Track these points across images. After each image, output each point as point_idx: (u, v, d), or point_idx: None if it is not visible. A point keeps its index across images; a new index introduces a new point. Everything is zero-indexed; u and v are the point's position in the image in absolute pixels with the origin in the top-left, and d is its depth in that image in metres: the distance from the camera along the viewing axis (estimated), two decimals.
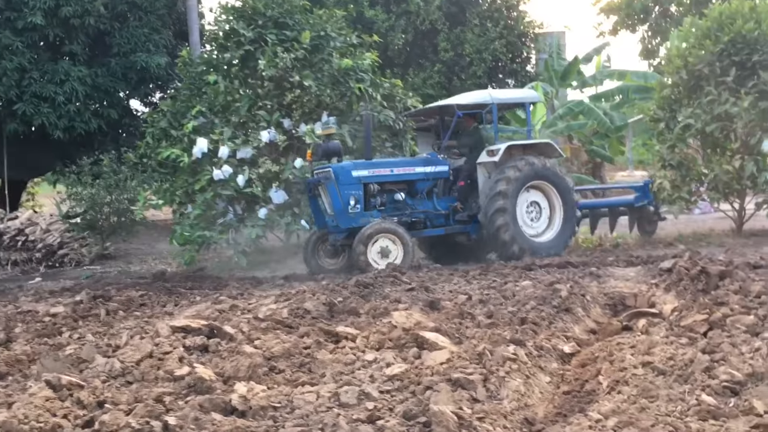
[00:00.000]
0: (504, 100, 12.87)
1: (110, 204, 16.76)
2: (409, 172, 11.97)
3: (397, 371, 4.85)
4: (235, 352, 5.49)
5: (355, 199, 11.26)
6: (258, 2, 14.50)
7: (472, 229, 12.07)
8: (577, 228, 13.06)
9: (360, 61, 14.36)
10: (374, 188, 11.62)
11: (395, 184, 11.88)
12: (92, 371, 5.32)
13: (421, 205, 12.00)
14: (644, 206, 13.55)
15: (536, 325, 6.33)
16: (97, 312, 9.00)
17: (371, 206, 11.59)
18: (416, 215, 11.87)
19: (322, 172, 11.52)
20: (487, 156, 11.93)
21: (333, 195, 11.23)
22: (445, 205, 12.17)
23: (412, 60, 24.74)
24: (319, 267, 11.65)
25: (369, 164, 11.72)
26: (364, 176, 11.53)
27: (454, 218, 12.12)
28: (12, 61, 20.55)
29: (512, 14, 24.66)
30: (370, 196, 11.58)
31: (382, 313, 7.08)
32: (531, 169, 11.80)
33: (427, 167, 12.05)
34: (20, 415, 4.32)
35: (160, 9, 22.83)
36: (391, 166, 11.98)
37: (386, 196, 11.83)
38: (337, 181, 11.20)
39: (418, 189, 12.01)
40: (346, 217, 11.26)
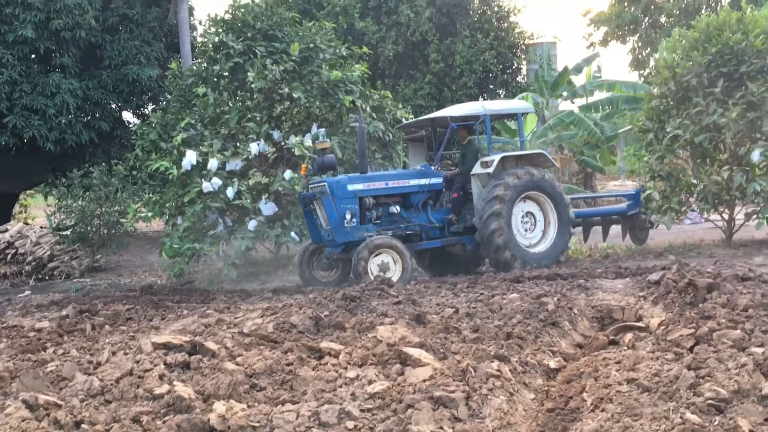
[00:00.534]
0: (497, 111, 12.91)
1: (100, 216, 16.70)
2: (403, 185, 11.94)
3: (379, 389, 4.80)
4: (216, 370, 5.44)
5: (351, 213, 11.25)
6: (247, 15, 14.51)
7: (467, 240, 12.03)
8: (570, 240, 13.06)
9: (349, 73, 14.35)
10: (370, 202, 11.57)
11: (390, 197, 11.85)
12: (71, 390, 5.27)
13: (416, 217, 11.97)
14: (636, 214, 13.52)
15: (522, 340, 6.30)
16: (82, 327, 8.95)
17: (367, 220, 11.55)
18: (411, 228, 11.81)
19: (317, 186, 11.46)
20: (481, 167, 11.92)
21: (329, 209, 11.18)
22: (440, 217, 12.15)
23: (403, 71, 24.77)
24: (313, 279, 11.62)
25: (364, 178, 11.67)
26: (360, 190, 11.49)
27: (449, 230, 12.10)
28: (2, 74, 20.50)
29: (503, 25, 24.72)
30: (365, 210, 11.55)
31: (367, 328, 7.02)
32: (530, 179, 11.86)
33: (422, 179, 12.03)
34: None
35: (151, 21, 22.84)
36: (386, 179, 11.95)
37: (381, 209, 11.78)
38: (332, 195, 11.18)
39: (412, 201, 12.00)
40: (342, 232, 11.22)
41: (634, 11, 29.44)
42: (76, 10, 20.90)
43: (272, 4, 16.88)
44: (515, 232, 11.78)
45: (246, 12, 14.66)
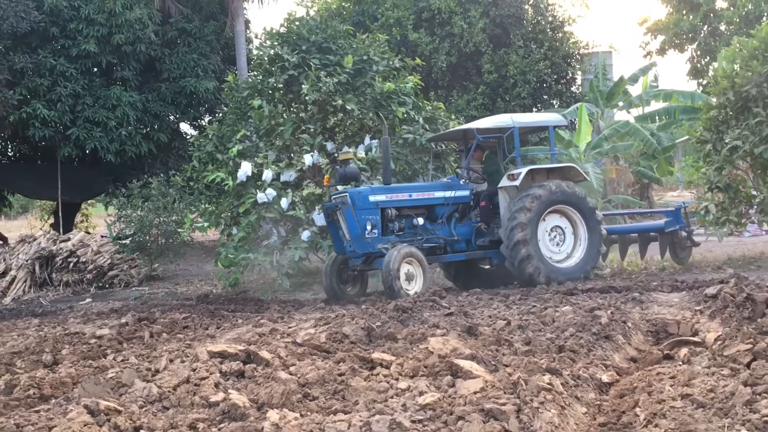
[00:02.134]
0: (526, 124, 12.66)
1: (158, 226, 17.06)
2: (428, 197, 11.81)
3: (430, 400, 4.82)
4: (270, 378, 5.53)
5: (372, 224, 11.11)
6: (302, 28, 14.71)
7: (494, 254, 11.85)
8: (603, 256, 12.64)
9: (402, 85, 14.45)
10: (392, 213, 11.43)
11: (414, 209, 11.70)
12: (131, 396, 5.40)
13: (441, 230, 11.79)
14: (675, 231, 12.97)
15: (574, 353, 6.25)
16: (141, 334, 9.17)
17: (389, 231, 11.41)
18: (434, 240, 11.65)
19: (339, 196, 11.36)
20: (507, 180, 11.75)
21: (350, 220, 11.07)
22: (465, 231, 11.96)
23: (456, 82, 24.78)
24: (338, 293, 11.48)
25: (387, 189, 11.53)
26: (382, 201, 11.35)
27: (475, 243, 11.95)
28: (66, 87, 21.18)
29: (557, 35, 24.59)
30: (387, 221, 11.41)
31: (419, 339, 7.07)
32: (558, 192, 11.57)
33: (447, 192, 11.88)
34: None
35: (209, 35, 23.33)
36: (410, 191, 11.80)
37: (404, 221, 11.62)
38: (353, 206, 11.05)
39: (437, 214, 11.84)
40: (362, 243, 11.09)
41: (693, 19, 28.93)
42: (136, 24, 21.48)
43: (326, 17, 17.15)
44: (541, 246, 11.51)
45: (301, 25, 14.87)
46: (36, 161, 24.88)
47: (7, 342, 9.68)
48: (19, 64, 20.62)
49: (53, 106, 21.12)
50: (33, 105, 20.83)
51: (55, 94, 21.15)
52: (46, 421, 5.19)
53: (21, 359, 8.37)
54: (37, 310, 13.81)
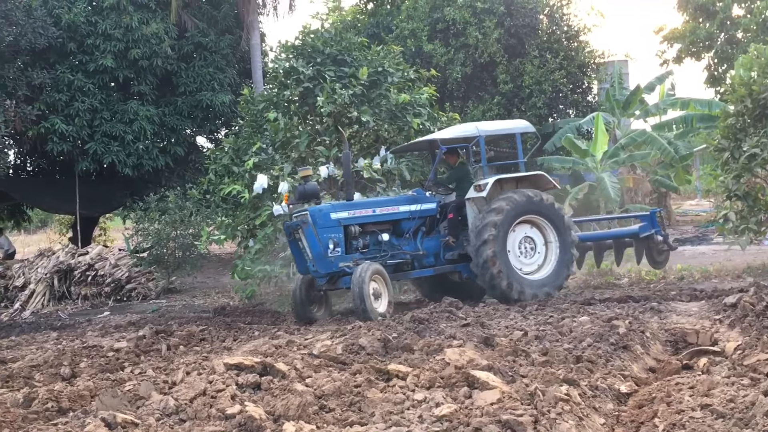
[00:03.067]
0: (492, 132, 12.09)
1: (175, 239, 17.14)
2: (392, 212, 11.25)
3: (446, 412, 4.81)
4: (286, 390, 5.52)
5: (335, 242, 10.57)
6: (317, 40, 14.78)
7: (462, 268, 11.36)
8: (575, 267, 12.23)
9: (417, 96, 14.47)
10: (355, 230, 10.90)
11: (378, 224, 11.13)
12: (148, 408, 5.42)
13: (407, 245, 11.25)
14: (651, 236, 12.56)
15: (592, 364, 6.21)
16: (158, 347, 9.20)
17: (353, 249, 10.85)
18: (400, 256, 11.13)
19: (299, 215, 10.74)
20: (475, 191, 11.22)
21: (311, 239, 10.48)
22: (433, 245, 11.46)
23: (471, 93, 24.78)
24: (308, 316, 10.83)
25: (348, 205, 10.99)
26: (344, 218, 10.81)
27: (444, 257, 11.44)
28: (84, 102, 21.39)
29: (572, 44, 24.55)
30: (351, 239, 10.87)
31: (435, 350, 7.05)
32: (526, 202, 11.12)
33: (413, 206, 11.32)
34: None
35: (224, 49, 23.49)
36: (373, 206, 11.22)
37: (368, 237, 11.06)
38: (315, 225, 10.50)
39: (403, 229, 11.29)
40: (325, 262, 10.51)
41: (710, 27, 28.78)
42: (153, 39, 21.67)
43: (341, 29, 17.23)
44: (512, 259, 11.03)
45: (316, 38, 14.94)
46: (54, 176, 25.10)
47: (26, 355, 9.73)
48: (38, 80, 20.84)
49: (71, 120, 21.32)
50: (51, 120, 21.04)
51: (73, 109, 21.35)
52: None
53: (39, 372, 8.42)
54: (56, 323, 13.90)
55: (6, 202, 25.50)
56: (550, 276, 11.20)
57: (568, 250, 11.31)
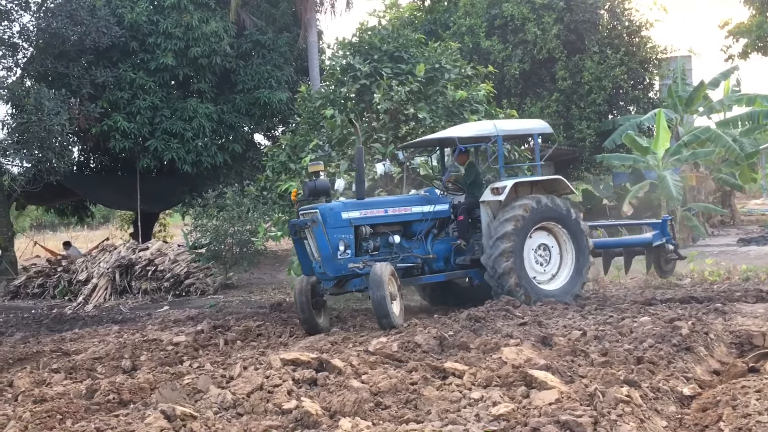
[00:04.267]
0: (510, 132, 11.42)
1: (233, 235, 17.31)
2: (405, 213, 10.53)
3: (504, 411, 4.75)
4: (342, 387, 5.53)
5: (345, 243, 9.79)
6: (374, 37, 14.77)
7: (474, 274, 10.74)
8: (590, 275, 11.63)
9: (475, 92, 14.36)
10: (366, 231, 10.14)
11: (389, 225, 10.41)
12: (206, 402, 5.48)
13: (418, 248, 10.54)
14: (662, 245, 11.96)
15: (654, 365, 6.08)
16: (216, 342, 9.32)
17: (363, 251, 10.10)
18: (411, 260, 10.40)
19: (308, 213, 9.96)
20: (491, 194, 10.55)
21: (320, 239, 9.71)
22: (443, 248, 10.76)
23: (529, 89, 24.53)
24: (313, 323, 9.94)
25: (361, 204, 10.20)
26: (355, 218, 10.01)
27: (454, 261, 10.78)
28: (145, 100, 21.81)
29: (634, 40, 24.12)
30: (361, 240, 10.13)
31: (492, 349, 6.98)
32: (543, 208, 10.50)
33: (426, 206, 10.60)
34: None
35: (282, 47, 23.68)
36: (386, 206, 10.48)
37: (379, 239, 10.33)
38: (325, 224, 9.71)
39: (415, 230, 10.58)
40: (334, 264, 9.73)
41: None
42: (212, 38, 21.96)
43: (398, 26, 17.21)
44: (527, 267, 10.42)
45: (373, 35, 14.94)
46: (116, 172, 25.63)
47: (89, 348, 9.96)
48: (101, 78, 21.31)
49: (133, 118, 21.74)
50: (114, 118, 21.49)
51: (135, 106, 21.77)
52: (124, 425, 5.31)
53: (102, 365, 8.61)
54: (117, 317, 14.19)
55: (70, 198, 26.14)
56: (566, 285, 10.67)
57: (583, 257, 10.80)
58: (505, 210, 10.39)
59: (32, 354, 9.87)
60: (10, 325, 13.81)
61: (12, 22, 21.87)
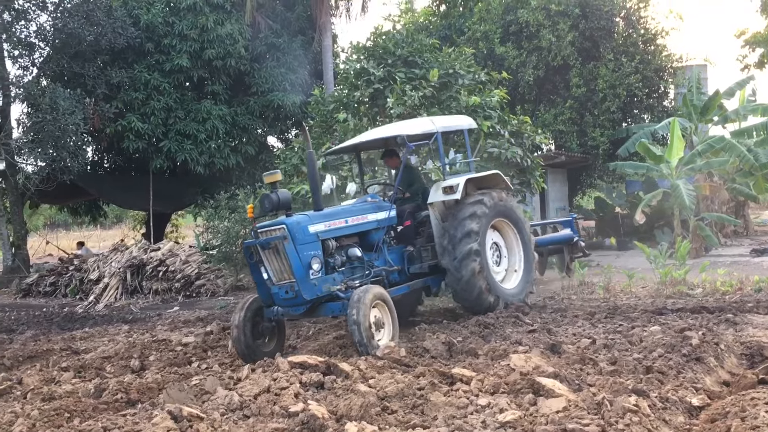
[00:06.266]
0: (447, 128, 10.59)
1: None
2: (362, 222, 9.41)
3: (511, 418, 4.73)
4: (349, 391, 5.53)
5: (318, 261, 8.53)
6: (388, 42, 14.78)
7: (433, 281, 9.92)
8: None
9: (488, 98, 14.33)
10: (332, 245, 8.90)
11: (351, 237, 9.34)
12: (213, 403, 5.49)
13: (377, 260, 9.48)
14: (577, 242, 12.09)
15: (663, 375, 6.03)
16: (225, 343, 9.34)
17: (330, 268, 8.81)
18: (377, 273, 9.26)
19: (271, 230, 8.48)
20: (442, 194, 9.77)
21: (292, 258, 8.33)
22: (398, 257, 9.76)
23: (543, 96, 24.48)
24: (254, 350, 8.45)
25: (324, 216, 8.93)
26: (322, 231, 8.75)
27: (409, 270, 9.76)
28: (159, 101, 21.91)
29: (649, 48, 24.03)
30: (327, 256, 8.82)
31: (500, 355, 6.97)
32: (495, 204, 9.87)
33: (379, 214, 9.56)
34: None
35: (296, 50, 23.77)
36: (345, 216, 9.25)
37: (344, 253, 9.14)
38: (294, 241, 8.36)
39: (372, 241, 9.52)
40: (309, 286, 8.34)
41: None
42: (227, 40, 22.07)
43: (413, 31, 17.18)
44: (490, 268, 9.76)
45: (387, 39, 14.95)
46: (130, 173, 25.77)
47: (99, 347, 10.00)
48: (116, 79, 21.44)
49: (147, 119, 21.86)
50: (128, 118, 21.61)
51: (149, 107, 21.89)
52: (131, 425, 5.33)
53: (111, 364, 8.65)
54: (128, 316, 14.24)
55: (83, 197, 26.29)
56: (520, 284, 10.18)
57: (530, 254, 10.36)
58: (462, 208, 9.66)
59: (42, 352, 9.91)
60: (21, 322, 13.88)
61: (29, 22, 22.07)
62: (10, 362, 9.32)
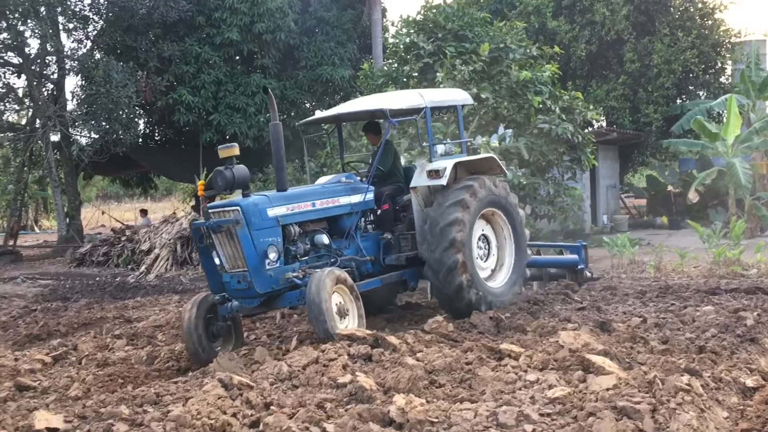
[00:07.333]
0: (437, 103, 9.34)
1: None
2: (333, 206, 8.34)
3: (560, 394, 4.69)
4: (397, 363, 5.54)
5: (276, 249, 7.48)
6: (439, 15, 14.68)
7: (410, 275, 8.69)
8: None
9: (539, 73, 14.15)
10: (294, 231, 7.85)
11: (318, 222, 8.27)
12: (262, 373, 5.55)
13: (348, 248, 8.42)
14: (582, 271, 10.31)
15: (716, 355, 5.93)
16: (273, 315, 9.41)
17: (291, 257, 7.80)
18: (345, 263, 8.17)
19: (223, 211, 7.46)
20: (427, 178, 8.61)
21: (245, 244, 7.31)
22: (372, 246, 8.66)
23: (596, 71, 24.08)
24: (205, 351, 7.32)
25: (287, 197, 7.90)
26: (283, 215, 7.71)
27: (384, 261, 8.67)
28: (210, 74, 22.06)
29: (706, 22, 23.44)
30: (289, 243, 7.82)
31: (549, 332, 6.92)
32: (486, 192, 8.63)
33: (353, 196, 8.46)
34: (194, 411, 4.60)
35: (346, 24, 23.70)
36: (313, 198, 8.19)
37: (308, 239, 8.07)
38: (249, 225, 7.34)
39: (343, 227, 8.43)
40: (263, 277, 7.34)
41: None
42: (277, 13, 22.08)
43: (464, 4, 17.00)
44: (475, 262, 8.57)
45: (438, 13, 14.84)
46: (180, 145, 26.05)
47: (150, 316, 10.18)
48: (167, 52, 21.63)
49: (197, 92, 22.05)
50: (179, 91, 21.82)
51: (200, 80, 22.06)
52: (183, 392, 5.42)
53: (162, 333, 8.80)
54: (178, 287, 14.45)
55: (135, 169, 26.70)
56: (508, 283, 8.89)
57: (521, 251, 9.12)
58: (448, 194, 8.48)
59: (96, 320, 10.13)
60: (75, 291, 14.19)
61: None
62: (66, 329, 9.54)
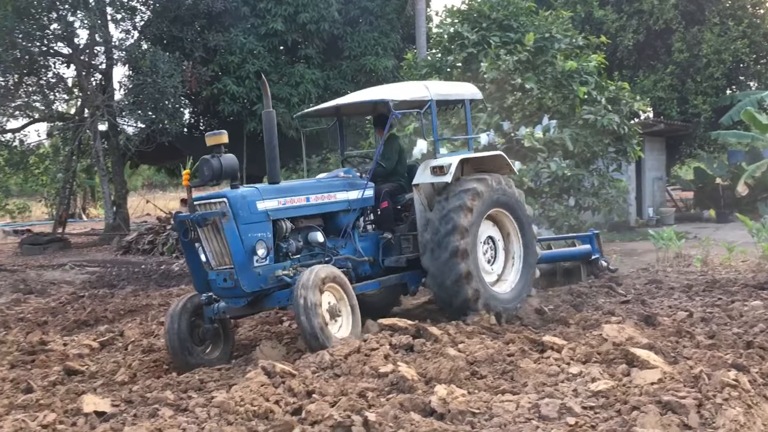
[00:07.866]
0: (443, 96, 8.72)
1: None
2: (329, 201, 7.82)
3: (603, 387, 4.65)
4: (438, 354, 5.54)
5: (265, 245, 7.01)
6: (483, 5, 14.57)
7: (411, 278, 8.18)
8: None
9: (585, 63, 13.97)
10: (286, 227, 7.36)
11: (311, 218, 7.78)
12: (305, 361, 5.59)
13: (345, 248, 7.93)
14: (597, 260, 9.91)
15: (764, 350, 5.82)
16: None
17: (282, 254, 7.32)
18: (341, 263, 7.64)
19: (209, 203, 6.99)
20: (431, 175, 8.07)
21: (232, 239, 6.84)
22: (371, 246, 8.19)
23: (643, 61, 23.71)
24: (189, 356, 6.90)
25: (279, 191, 7.43)
26: (274, 209, 7.22)
27: (383, 262, 8.18)
28: (254, 64, 22.22)
29: (758, 11, 22.96)
30: (280, 239, 7.34)
31: (592, 325, 6.87)
32: (493, 192, 8.11)
33: (351, 192, 7.96)
34: (237, 398, 4.65)
35: (389, 13, 23.68)
36: (306, 192, 7.67)
37: (301, 237, 7.60)
38: (237, 219, 6.88)
39: (339, 224, 7.94)
40: (251, 275, 6.86)
41: None
42: (321, 3, 22.16)
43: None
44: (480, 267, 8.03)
45: (482, 2, 14.74)
46: None
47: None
48: (213, 42, 21.84)
49: (241, 82, 22.23)
50: (223, 81, 22.04)
51: (244, 70, 22.24)
52: (227, 379, 5.50)
53: None
54: None
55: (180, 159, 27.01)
56: (516, 288, 8.27)
57: (531, 254, 8.56)
58: (452, 194, 7.97)
59: (142, 307, 10.29)
60: (122, 278, 14.43)
61: None
62: (112, 315, 9.71)
